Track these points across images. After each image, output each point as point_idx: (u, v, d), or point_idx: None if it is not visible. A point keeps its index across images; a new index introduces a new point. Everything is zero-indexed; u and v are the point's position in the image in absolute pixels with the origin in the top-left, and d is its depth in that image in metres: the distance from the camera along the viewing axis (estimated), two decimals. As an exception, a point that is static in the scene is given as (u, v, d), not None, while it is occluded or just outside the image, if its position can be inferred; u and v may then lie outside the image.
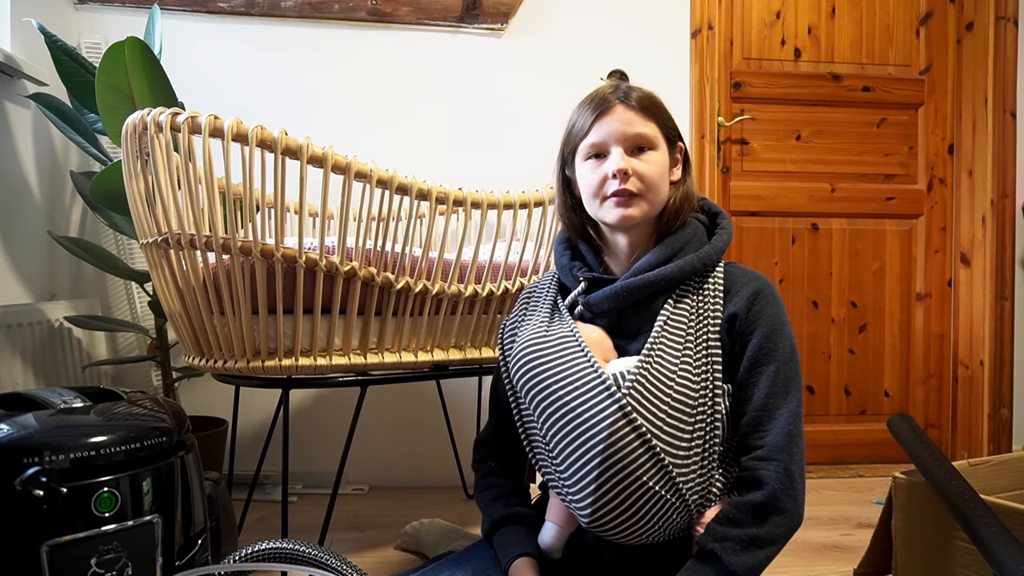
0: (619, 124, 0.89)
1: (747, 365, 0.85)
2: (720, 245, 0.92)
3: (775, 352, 0.85)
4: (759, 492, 0.79)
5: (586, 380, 0.83)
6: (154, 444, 0.89)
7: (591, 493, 0.80)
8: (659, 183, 0.90)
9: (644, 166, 0.89)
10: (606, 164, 0.89)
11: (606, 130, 0.90)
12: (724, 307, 0.88)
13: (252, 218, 1.10)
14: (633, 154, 0.89)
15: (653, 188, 0.89)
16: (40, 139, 1.75)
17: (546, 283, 1.03)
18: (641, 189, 0.89)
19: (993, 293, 2.11)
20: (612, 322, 0.92)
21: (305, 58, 1.93)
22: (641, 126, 0.89)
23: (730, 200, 2.13)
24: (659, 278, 0.88)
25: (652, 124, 0.90)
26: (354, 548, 1.49)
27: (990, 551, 0.84)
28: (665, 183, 0.91)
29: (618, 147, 0.89)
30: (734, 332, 0.87)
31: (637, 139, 0.89)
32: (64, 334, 1.67)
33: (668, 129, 0.93)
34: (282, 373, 1.18)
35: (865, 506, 1.80)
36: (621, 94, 0.91)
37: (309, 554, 0.84)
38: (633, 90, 0.92)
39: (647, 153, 0.89)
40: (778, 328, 0.86)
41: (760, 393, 0.84)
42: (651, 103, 0.92)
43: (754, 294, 0.87)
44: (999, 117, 2.10)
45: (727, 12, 2.11)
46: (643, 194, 0.89)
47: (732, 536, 0.78)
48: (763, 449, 0.82)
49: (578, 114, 0.94)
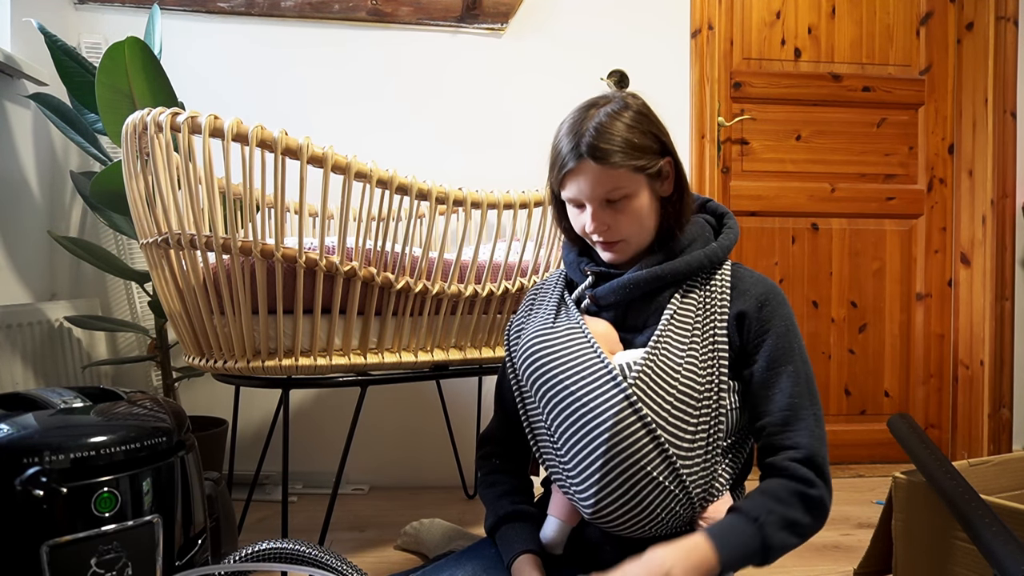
0: (586, 185, 0.88)
1: (765, 365, 0.86)
2: (727, 243, 0.93)
3: (792, 352, 0.86)
4: (814, 489, 0.81)
5: (592, 370, 0.84)
6: (154, 444, 0.89)
7: (595, 483, 0.81)
8: (641, 223, 0.90)
9: (619, 217, 0.89)
10: (583, 216, 0.91)
11: (576, 189, 0.89)
12: (731, 304, 0.89)
13: (252, 218, 1.10)
14: (607, 206, 0.89)
15: (633, 231, 0.90)
16: (40, 139, 1.75)
17: (552, 280, 1.04)
18: (620, 236, 0.90)
19: (993, 293, 2.11)
20: (618, 315, 0.93)
21: (305, 58, 1.93)
22: (609, 180, 0.86)
23: (730, 200, 2.13)
24: (666, 272, 0.89)
25: (622, 170, 0.86)
26: (354, 548, 1.49)
27: (990, 551, 0.84)
28: (647, 219, 0.91)
29: (591, 205, 0.89)
30: (744, 330, 0.87)
31: (608, 193, 0.87)
32: (64, 334, 1.67)
33: (644, 162, 0.87)
34: (282, 373, 1.18)
35: (865, 506, 1.80)
36: (585, 147, 0.86)
37: (309, 554, 0.84)
38: (599, 136, 0.86)
39: (620, 203, 0.88)
40: (792, 329, 0.88)
41: (783, 393, 0.85)
42: (619, 146, 0.86)
43: (764, 295, 0.88)
44: (999, 117, 2.10)
45: (727, 12, 2.11)
46: (625, 239, 0.91)
47: (779, 513, 0.79)
48: (798, 451, 0.82)
49: (553, 158, 0.92)
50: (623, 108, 0.88)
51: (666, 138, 0.91)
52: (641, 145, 0.87)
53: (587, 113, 0.88)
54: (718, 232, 0.96)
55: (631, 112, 0.88)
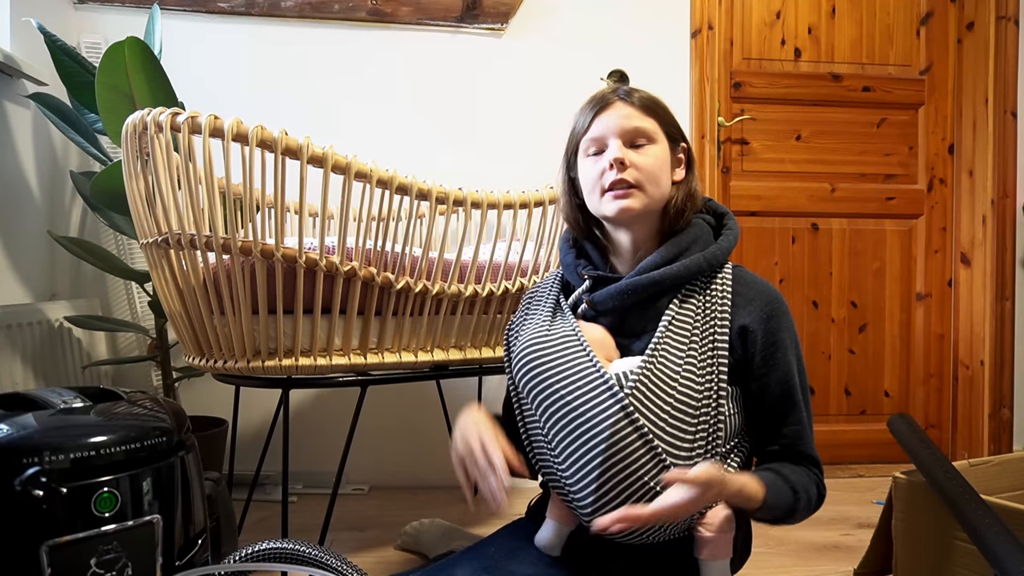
0: (617, 118, 0.90)
1: (773, 380, 0.87)
2: (726, 246, 0.92)
3: (795, 365, 0.89)
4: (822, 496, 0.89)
5: (588, 379, 0.83)
6: (154, 444, 0.89)
7: (592, 492, 0.80)
8: (658, 175, 0.90)
9: (642, 158, 0.89)
10: (604, 156, 0.91)
11: (604, 124, 0.91)
12: (733, 313, 0.88)
13: (252, 218, 1.10)
14: (632, 147, 0.90)
15: (652, 180, 0.89)
16: (40, 139, 1.75)
17: (549, 282, 1.03)
18: (639, 180, 0.89)
19: (993, 293, 2.11)
20: (616, 321, 0.92)
21: (305, 58, 1.93)
22: (639, 120, 0.90)
23: (730, 200, 2.13)
24: (664, 277, 0.88)
25: (651, 120, 0.91)
26: (354, 548, 1.49)
27: (990, 551, 0.84)
28: (665, 177, 0.92)
29: (616, 139, 0.90)
30: (748, 344, 0.87)
31: (635, 132, 0.90)
32: (64, 334, 1.67)
33: (669, 127, 0.93)
34: (282, 373, 1.18)
35: (865, 506, 1.80)
36: (623, 92, 0.93)
37: (309, 554, 0.84)
38: (635, 91, 0.93)
39: (646, 147, 0.90)
40: (795, 340, 0.90)
41: (798, 407, 0.89)
42: (652, 102, 0.93)
43: (769, 306, 0.88)
44: (999, 117, 2.10)
45: (727, 12, 2.11)
46: (641, 185, 0.89)
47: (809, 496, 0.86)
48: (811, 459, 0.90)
49: (580, 114, 0.95)
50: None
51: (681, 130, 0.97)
52: (670, 113, 0.95)
53: (613, 84, 0.96)
54: (717, 233, 0.95)
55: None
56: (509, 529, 0.99)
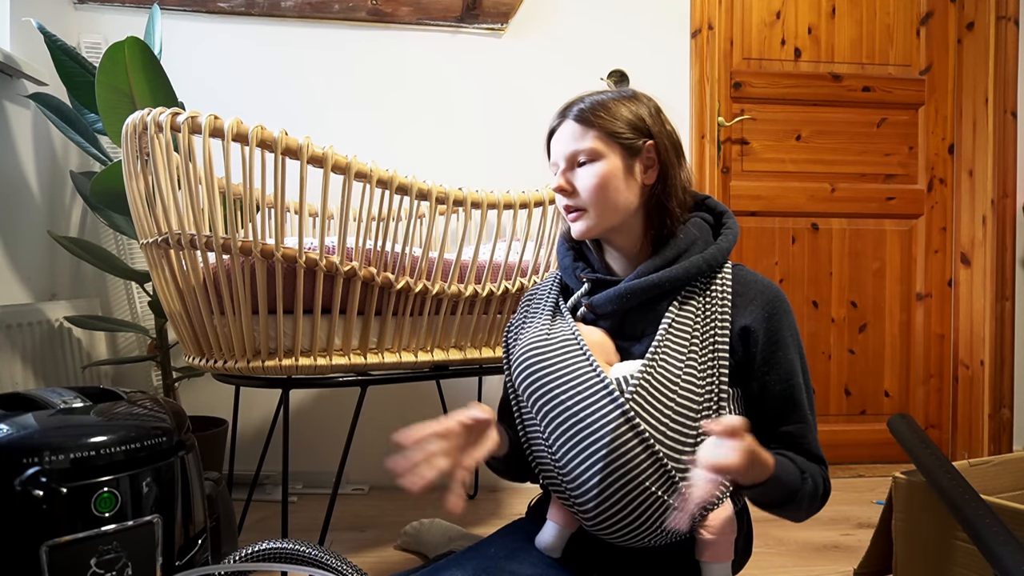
0: (559, 143, 0.91)
1: (775, 379, 0.87)
2: (726, 245, 0.91)
3: (798, 365, 0.88)
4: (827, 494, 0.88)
5: (589, 384, 0.83)
6: (154, 444, 0.89)
7: (594, 497, 0.80)
8: (603, 193, 0.88)
9: (583, 179, 0.89)
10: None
11: (554, 149, 0.93)
12: (734, 314, 0.87)
13: (252, 218, 1.10)
14: (579, 166, 0.90)
15: (596, 200, 0.89)
16: (40, 139, 1.75)
17: (547, 285, 1.03)
18: (582, 202, 0.90)
19: (993, 293, 2.11)
20: (615, 324, 0.92)
21: (305, 58, 1.93)
22: (578, 140, 0.89)
23: (730, 200, 2.13)
24: (663, 280, 0.87)
25: (593, 132, 0.88)
26: (354, 548, 1.49)
27: (990, 551, 0.83)
28: (618, 190, 0.89)
29: (563, 163, 0.91)
30: (750, 344, 0.86)
31: (575, 155, 0.90)
32: (64, 334, 1.67)
33: (618, 134, 0.89)
34: (282, 373, 1.18)
35: (865, 506, 1.80)
36: (569, 110, 0.91)
37: (309, 554, 0.84)
38: (578, 103, 0.91)
39: (588, 165, 0.89)
40: (797, 339, 0.89)
41: (801, 406, 0.88)
42: (592, 113, 0.89)
43: (770, 305, 0.87)
44: (999, 117, 2.10)
45: (727, 12, 2.11)
46: (586, 207, 0.90)
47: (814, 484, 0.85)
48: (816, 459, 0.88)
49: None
50: (623, 91, 0.93)
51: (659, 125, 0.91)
52: (622, 117, 0.89)
53: (573, 98, 0.93)
54: (717, 232, 0.94)
55: (629, 94, 0.92)
56: (509, 529, 0.99)
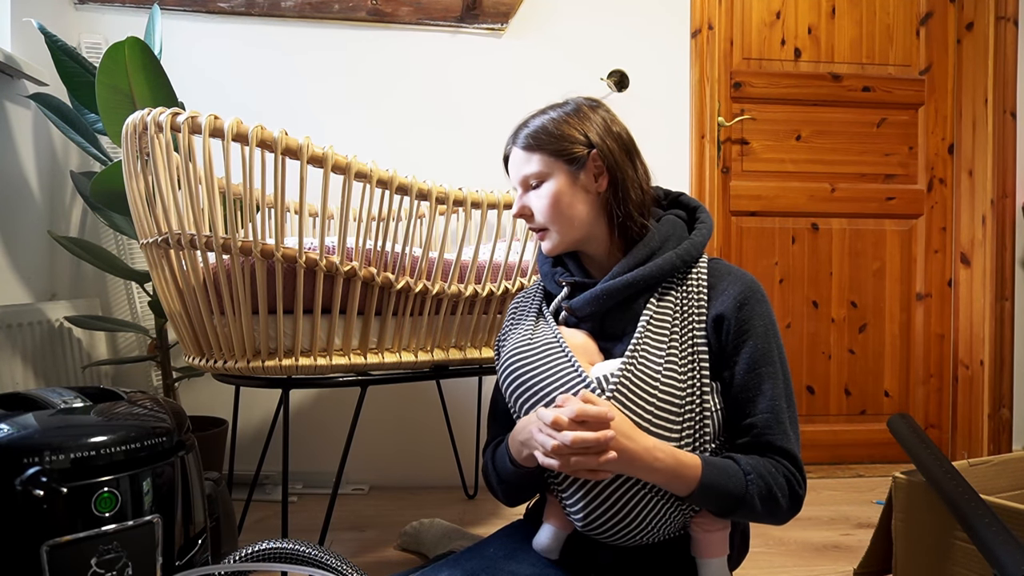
0: (513, 168, 0.97)
1: (745, 368, 0.85)
2: (700, 240, 0.92)
3: (771, 354, 0.86)
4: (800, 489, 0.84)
5: (571, 384, 0.84)
6: (154, 444, 0.89)
7: (582, 498, 0.81)
8: (559, 211, 0.92)
9: (534, 201, 0.94)
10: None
11: (511, 174, 0.98)
12: (709, 304, 0.88)
13: (252, 218, 1.10)
14: (531, 191, 0.95)
15: (553, 218, 0.92)
16: (40, 139, 1.75)
17: (532, 292, 1.04)
18: (541, 223, 0.94)
19: (993, 293, 2.11)
20: (596, 325, 0.93)
21: (305, 58, 1.93)
22: (525, 165, 0.93)
23: (730, 200, 2.13)
24: (638, 278, 0.88)
25: (538, 155, 0.92)
26: (354, 548, 1.49)
27: (990, 551, 0.84)
28: (572, 206, 0.91)
29: (519, 189, 0.96)
30: (722, 332, 0.86)
31: (526, 179, 0.94)
32: (64, 334, 1.67)
33: (562, 152, 0.91)
34: (282, 373, 1.18)
35: (865, 506, 1.80)
36: (517, 135, 0.96)
37: (309, 554, 0.84)
38: (528, 125, 0.95)
39: (538, 188, 0.93)
40: (771, 329, 0.87)
41: (765, 396, 0.85)
42: (535, 136, 0.93)
43: (742, 294, 0.87)
44: (999, 117, 2.10)
45: (727, 12, 2.11)
46: (547, 227, 0.94)
47: (768, 483, 0.81)
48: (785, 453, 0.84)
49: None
50: (565, 106, 0.95)
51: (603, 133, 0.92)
52: (562, 134, 0.92)
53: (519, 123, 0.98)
54: (691, 228, 0.95)
55: (570, 108, 0.94)
56: (508, 530, 1.00)
